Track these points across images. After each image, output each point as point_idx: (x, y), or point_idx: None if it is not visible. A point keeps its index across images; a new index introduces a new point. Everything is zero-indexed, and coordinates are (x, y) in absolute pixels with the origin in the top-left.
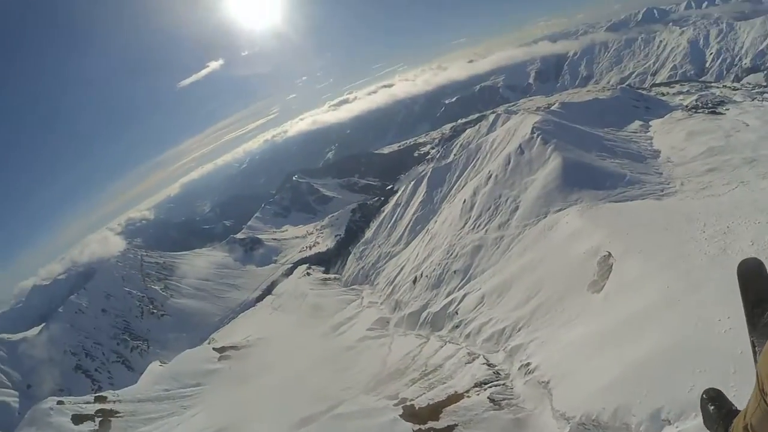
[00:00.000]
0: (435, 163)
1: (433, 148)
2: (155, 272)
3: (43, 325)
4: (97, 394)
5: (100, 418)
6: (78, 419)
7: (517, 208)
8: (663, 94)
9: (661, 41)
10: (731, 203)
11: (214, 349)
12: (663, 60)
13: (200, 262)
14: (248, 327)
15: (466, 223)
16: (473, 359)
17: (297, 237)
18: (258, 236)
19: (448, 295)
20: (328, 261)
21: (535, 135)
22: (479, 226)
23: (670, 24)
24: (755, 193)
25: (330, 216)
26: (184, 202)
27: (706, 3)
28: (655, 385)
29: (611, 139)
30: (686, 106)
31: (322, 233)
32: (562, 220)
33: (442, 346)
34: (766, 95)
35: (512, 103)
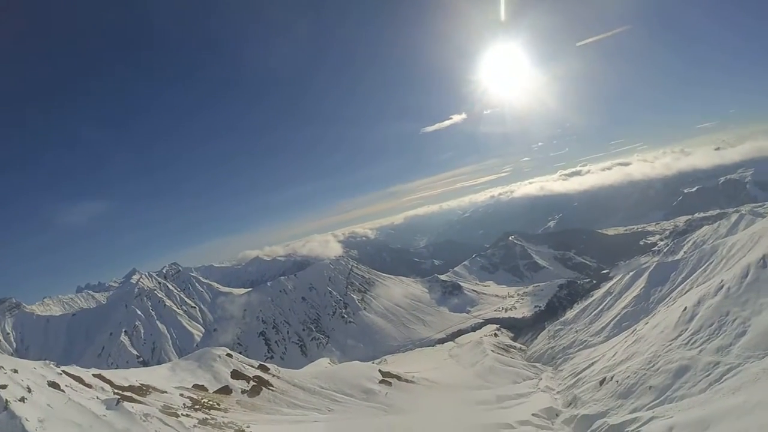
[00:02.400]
0: (661, 257)
1: (662, 240)
2: (358, 283)
3: (250, 289)
4: (262, 363)
5: (254, 384)
6: (236, 375)
7: (744, 332)
8: None
9: None
10: None
11: (380, 370)
12: None
13: (400, 289)
14: (420, 363)
15: (680, 335)
16: None
17: (497, 296)
18: (460, 283)
19: (634, 411)
20: (519, 329)
21: None
22: (694, 343)
23: None
24: None
25: (535, 285)
26: (404, 233)
27: None
28: None
29: None
30: None
31: (522, 299)
32: None
33: None
34: None
35: (760, 204)
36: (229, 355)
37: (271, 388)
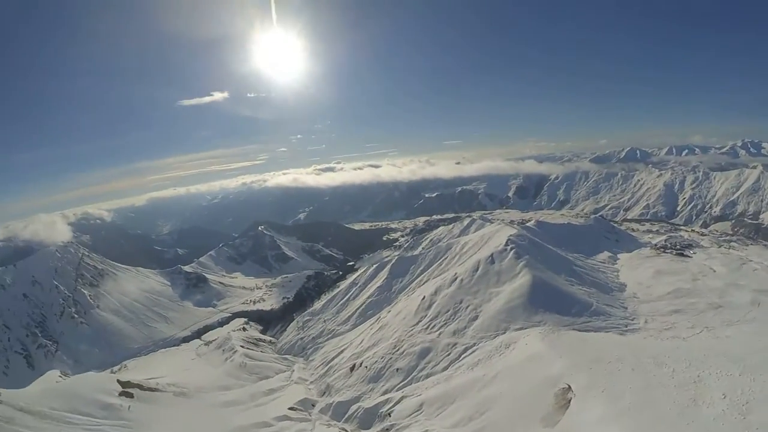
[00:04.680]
0: (402, 252)
1: (403, 236)
2: (90, 276)
3: None
4: None
5: None
6: None
7: (476, 317)
8: (633, 230)
9: (639, 180)
10: (701, 350)
11: (119, 380)
12: (638, 197)
13: (138, 282)
14: (164, 367)
15: (420, 321)
16: None
17: (245, 287)
18: (206, 275)
19: (385, 392)
20: (268, 321)
21: (509, 247)
22: (433, 327)
23: (650, 165)
24: (720, 340)
25: (284, 276)
26: (146, 217)
27: (686, 151)
28: None
29: (580, 266)
30: (655, 245)
31: (271, 291)
32: (521, 340)
33: None
34: (732, 244)
35: (489, 211)
36: None
37: None
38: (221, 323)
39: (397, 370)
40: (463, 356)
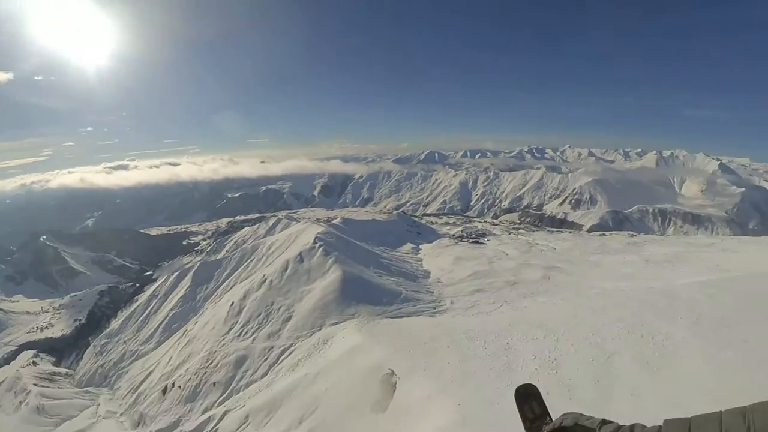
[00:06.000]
0: (204, 257)
1: (204, 240)
2: None
3: None
4: None
5: None
6: None
7: (290, 317)
8: (432, 223)
9: (437, 179)
10: (506, 321)
11: None
12: (436, 195)
13: None
14: None
15: (231, 329)
16: None
17: (29, 312)
18: None
19: (205, 411)
20: (61, 350)
21: (317, 245)
22: (246, 333)
23: (447, 166)
24: (519, 311)
25: (72, 294)
26: None
27: (479, 154)
28: None
29: (387, 258)
30: (453, 235)
31: (59, 313)
32: (338, 334)
33: None
34: (520, 231)
35: (294, 211)
36: None
37: None
38: (7, 359)
39: (215, 384)
40: (281, 359)
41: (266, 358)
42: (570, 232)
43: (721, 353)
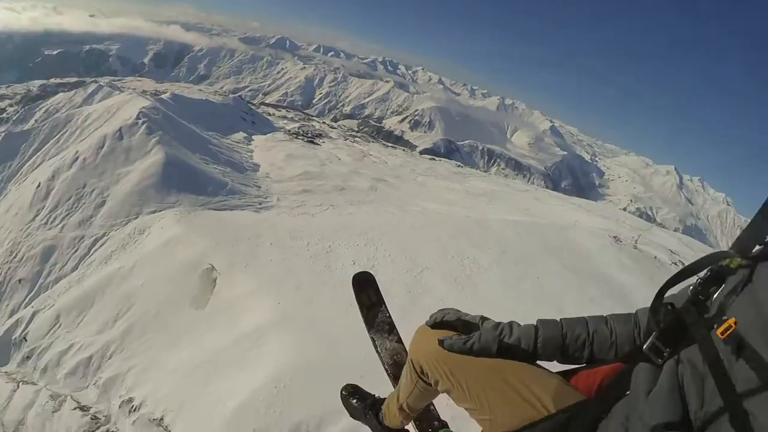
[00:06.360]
0: (10, 126)
1: (12, 106)
2: None
3: None
4: None
5: None
6: None
7: (104, 203)
8: (269, 114)
9: (283, 68)
10: (330, 225)
11: None
12: (278, 84)
13: None
14: None
15: (37, 215)
16: (60, 404)
17: None
18: None
19: (12, 313)
20: None
21: (141, 121)
22: (54, 220)
23: (297, 57)
24: (344, 216)
25: None
26: None
27: (332, 53)
28: (288, 403)
29: (216, 145)
30: (289, 131)
31: None
32: (156, 224)
33: (14, 390)
34: (357, 139)
35: (119, 78)
36: None
37: None
38: None
39: (20, 281)
40: (93, 250)
41: (76, 249)
42: (403, 150)
43: (519, 284)
